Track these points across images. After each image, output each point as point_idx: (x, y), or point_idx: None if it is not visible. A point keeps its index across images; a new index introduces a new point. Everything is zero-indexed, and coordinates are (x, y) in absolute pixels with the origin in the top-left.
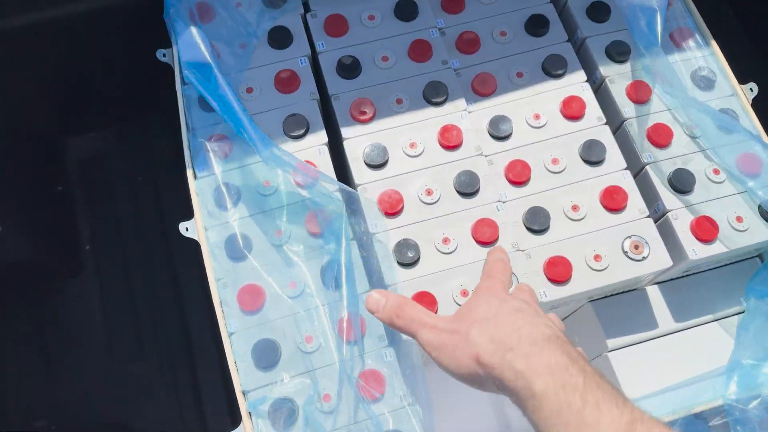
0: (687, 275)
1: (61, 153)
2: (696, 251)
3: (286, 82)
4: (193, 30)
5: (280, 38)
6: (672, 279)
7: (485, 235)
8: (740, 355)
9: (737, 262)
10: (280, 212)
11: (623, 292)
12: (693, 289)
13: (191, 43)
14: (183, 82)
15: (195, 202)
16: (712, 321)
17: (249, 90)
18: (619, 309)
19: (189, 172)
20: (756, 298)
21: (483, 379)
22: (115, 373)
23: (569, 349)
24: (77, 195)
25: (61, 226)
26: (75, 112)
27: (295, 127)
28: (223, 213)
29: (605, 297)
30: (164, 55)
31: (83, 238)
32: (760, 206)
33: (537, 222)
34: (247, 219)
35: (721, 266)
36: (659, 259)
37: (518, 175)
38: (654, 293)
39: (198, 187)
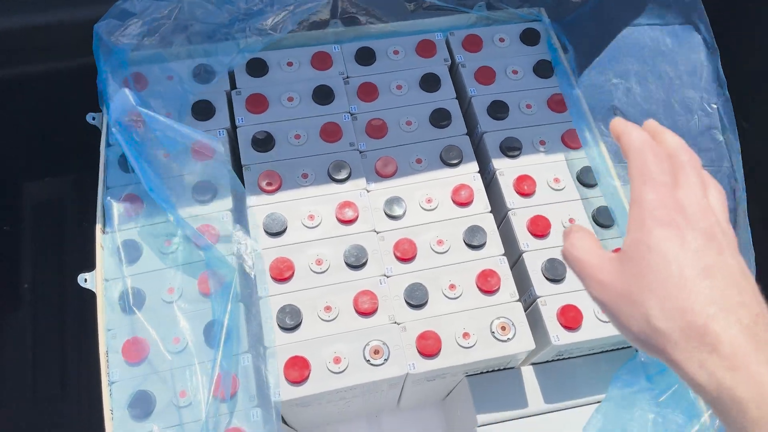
0: (561, 359)
1: (16, 194)
2: (559, 337)
3: (200, 152)
4: (127, 91)
5: (203, 110)
6: (547, 361)
7: (365, 305)
8: None
9: (614, 350)
10: (176, 271)
11: (498, 370)
12: (565, 373)
13: (123, 103)
14: (108, 144)
15: (98, 254)
16: (581, 405)
17: (165, 155)
18: (493, 386)
19: (98, 227)
20: (617, 387)
21: (662, 360)
22: (37, 412)
23: None
24: (25, 235)
25: (2, 263)
26: (35, 157)
27: (203, 192)
28: (123, 267)
29: (481, 373)
30: (93, 119)
31: (24, 276)
32: None
33: (415, 297)
34: (144, 275)
35: (597, 353)
36: (523, 341)
37: (405, 253)
38: (528, 373)
39: (104, 241)
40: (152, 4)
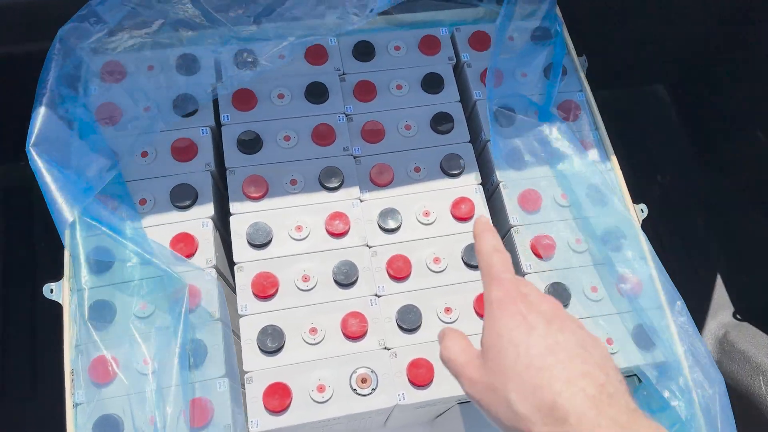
0: None
1: None
2: None
3: (183, 151)
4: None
5: (185, 106)
6: None
7: (353, 328)
8: None
9: None
10: (150, 284)
11: None
12: None
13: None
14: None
15: (66, 262)
16: None
17: (144, 154)
18: None
19: (66, 232)
20: None
21: None
22: (7, 411)
23: (617, 410)
24: None
25: None
26: (8, 140)
27: (182, 197)
28: (93, 277)
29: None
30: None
31: None
32: (634, 329)
33: (408, 321)
34: (115, 287)
35: None
36: None
37: (399, 270)
38: None
39: (73, 248)
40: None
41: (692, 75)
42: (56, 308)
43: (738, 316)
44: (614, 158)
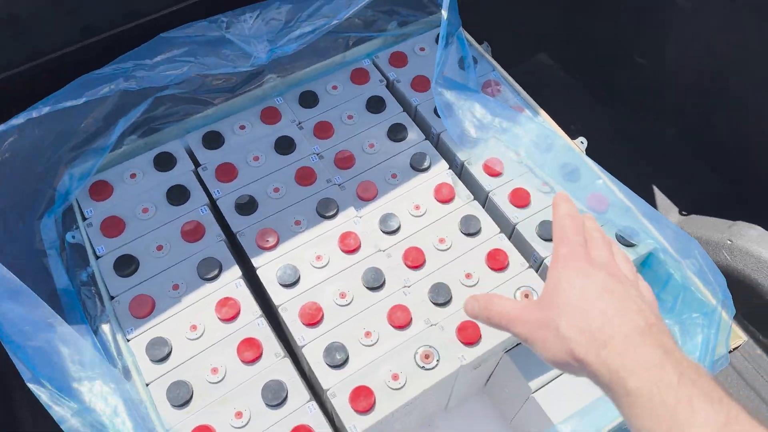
0: None
1: None
2: None
3: (192, 233)
4: None
5: (178, 195)
6: None
7: (400, 319)
8: None
9: None
10: (211, 352)
11: None
12: None
13: None
14: (96, 257)
15: (131, 364)
16: None
17: (159, 248)
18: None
19: (119, 336)
20: None
21: (577, 370)
22: None
23: (664, 341)
24: None
25: None
26: None
27: (209, 270)
28: (158, 366)
29: (518, 344)
30: (73, 237)
31: None
32: (616, 235)
33: (441, 296)
34: (179, 368)
35: None
36: None
37: (415, 260)
38: None
39: (129, 349)
40: None
41: (566, 35)
42: None
43: (684, 213)
44: (543, 111)
